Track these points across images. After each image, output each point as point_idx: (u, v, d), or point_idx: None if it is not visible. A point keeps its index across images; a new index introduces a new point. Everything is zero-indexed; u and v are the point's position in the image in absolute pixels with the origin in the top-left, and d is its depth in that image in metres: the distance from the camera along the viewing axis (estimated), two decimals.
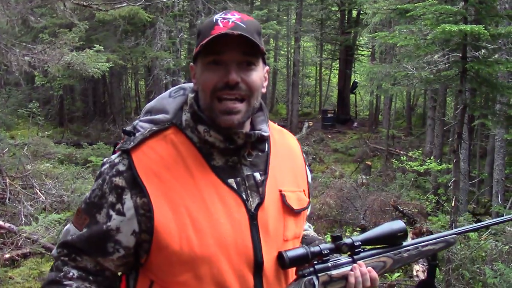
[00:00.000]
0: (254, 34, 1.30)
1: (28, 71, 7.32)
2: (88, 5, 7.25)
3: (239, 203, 1.33)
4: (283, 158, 1.49)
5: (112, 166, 1.33)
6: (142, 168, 1.31)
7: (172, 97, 1.46)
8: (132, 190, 1.29)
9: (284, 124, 20.72)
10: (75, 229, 1.35)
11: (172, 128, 1.38)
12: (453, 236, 1.60)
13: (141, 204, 1.28)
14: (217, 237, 1.29)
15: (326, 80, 29.66)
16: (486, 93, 8.40)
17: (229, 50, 1.29)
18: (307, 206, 1.51)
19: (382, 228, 1.50)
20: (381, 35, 7.38)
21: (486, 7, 6.37)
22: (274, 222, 1.38)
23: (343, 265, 1.42)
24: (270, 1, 20.14)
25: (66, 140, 15.42)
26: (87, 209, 1.34)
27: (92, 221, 1.32)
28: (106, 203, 1.31)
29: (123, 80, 22.30)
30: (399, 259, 1.50)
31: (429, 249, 1.56)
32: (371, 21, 11.71)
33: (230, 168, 1.37)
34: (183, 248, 1.27)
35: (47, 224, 6.14)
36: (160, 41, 12.82)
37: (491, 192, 10.47)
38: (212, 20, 1.33)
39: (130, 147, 1.33)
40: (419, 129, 20.00)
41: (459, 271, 5.90)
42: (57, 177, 8.63)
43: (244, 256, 1.32)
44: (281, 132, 1.58)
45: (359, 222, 8.39)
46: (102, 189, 1.32)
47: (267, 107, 1.57)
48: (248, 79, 1.31)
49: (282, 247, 1.38)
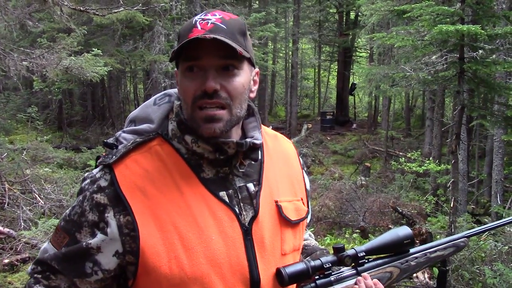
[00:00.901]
0: (236, 35, 1.22)
1: (26, 76, 7.32)
2: (85, 10, 7.26)
3: (231, 218, 1.24)
4: (278, 166, 1.41)
5: (93, 182, 1.25)
6: (126, 183, 1.22)
7: (157, 105, 1.37)
8: (115, 207, 1.20)
9: (283, 126, 20.77)
10: (52, 248, 1.27)
11: (158, 139, 1.29)
12: (463, 240, 1.51)
13: (125, 223, 1.19)
14: (209, 255, 1.20)
15: (324, 82, 29.70)
16: (484, 93, 8.42)
17: (206, 54, 1.20)
18: (305, 216, 1.41)
19: (387, 236, 1.40)
20: (378, 36, 7.40)
21: (483, 8, 6.39)
22: (270, 236, 1.29)
23: (346, 278, 1.33)
24: (268, 4, 20.16)
25: (65, 145, 15.41)
26: (66, 228, 1.26)
27: (72, 240, 1.24)
28: (86, 222, 1.22)
29: (122, 84, 22.31)
30: (407, 268, 1.41)
31: (438, 255, 1.47)
32: (369, 22, 11.73)
33: (221, 180, 1.28)
34: (172, 269, 1.18)
35: (46, 229, 6.13)
36: (158, 44, 12.84)
37: (490, 193, 10.48)
38: (192, 21, 1.24)
39: (111, 162, 1.24)
40: (418, 130, 20.02)
41: (458, 272, 5.90)
42: (56, 182, 8.62)
43: (239, 275, 1.23)
44: (275, 138, 1.48)
45: (359, 223, 8.40)
46: (83, 206, 1.23)
47: (266, 109, 1.47)
48: (228, 85, 1.21)
49: (281, 262, 1.29)
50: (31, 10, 7.53)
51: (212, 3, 14.23)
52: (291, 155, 1.48)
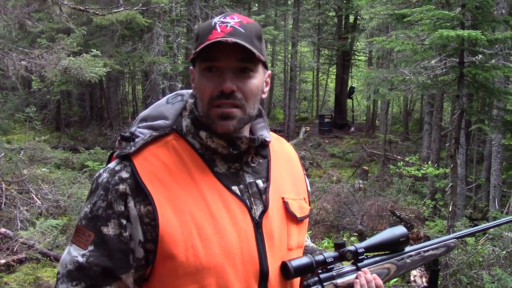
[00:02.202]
0: (253, 39, 1.27)
1: (25, 75, 7.30)
2: (84, 9, 7.24)
3: (244, 211, 1.29)
4: (283, 166, 1.46)
5: (113, 174, 1.26)
6: (145, 174, 1.25)
7: (170, 103, 1.42)
8: (136, 198, 1.22)
9: (281, 129, 20.77)
10: (77, 249, 1.23)
11: (173, 134, 1.34)
12: (454, 241, 1.60)
13: (146, 213, 1.22)
14: (224, 246, 1.24)
15: (323, 85, 29.72)
16: (483, 98, 8.42)
17: (225, 57, 1.25)
18: (309, 214, 1.46)
19: (385, 234, 1.49)
20: (378, 40, 7.40)
21: (483, 13, 6.40)
22: (278, 231, 1.34)
23: (347, 273, 1.40)
24: (267, 6, 20.19)
25: (63, 145, 15.38)
26: (90, 225, 1.24)
27: (98, 236, 1.22)
28: (114, 213, 1.22)
29: (121, 85, 22.29)
30: (403, 265, 1.49)
31: (431, 254, 1.55)
32: (368, 26, 11.74)
33: (233, 175, 1.33)
34: (189, 258, 1.21)
35: (44, 229, 6.11)
36: (158, 46, 12.84)
37: (488, 197, 10.48)
38: (211, 23, 1.29)
39: (131, 151, 1.27)
40: (416, 134, 20.04)
41: (456, 276, 5.89)
42: (54, 182, 8.60)
43: (250, 266, 1.27)
44: (278, 140, 1.54)
45: (356, 227, 8.38)
46: (107, 199, 1.23)
47: (264, 112, 1.52)
48: (244, 87, 1.27)
49: (287, 256, 1.34)
50: (30, 9, 7.51)
51: (212, 5, 14.25)
52: (293, 157, 1.55)
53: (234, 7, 16.03)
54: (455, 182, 6.44)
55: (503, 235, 6.82)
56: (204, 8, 13.31)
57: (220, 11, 13.41)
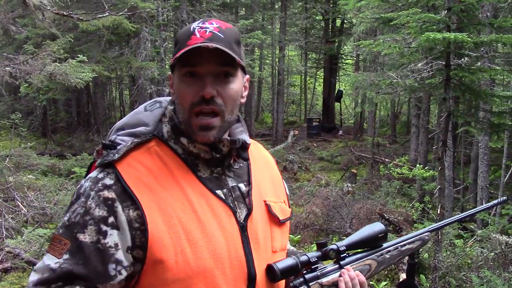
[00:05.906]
0: (232, 44, 1.28)
1: (9, 81, 7.21)
2: (68, 15, 7.17)
3: (229, 214, 1.30)
4: (262, 169, 1.48)
5: (96, 182, 1.23)
6: (131, 179, 1.23)
7: (148, 111, 1.41)
8: (123, 202, 1.20)
9: (270, 133, 20.77)
10: (52, 258, 1.18)
11: (154, 140, 1.33)
12: (427, 234, 1.65)
13: (134, 217, 1.19)
14: (212, 250, 1.24)
15: (311, 88, 29.78)
16: (470, 100, 8.47)
17: (205, 62, 1.25)
18: (290, 216, 1.49)
19: (364, 231, 1.53)
20: (365, 43, 7.42)
21: (468, 16, 6.44)
22: (263, 234, 1.35)
23: (331, 272, 1.42)
24: (255, 11, 20.22)
25: (50, 151, 15.23)
26: (65, 233, 1.20)
27: (74, 244, 1.18)
28: (92, 219, 1.18)
29: (108, 90, 22.18)
30: (383, 261, 1.53)
31: (408, 248, 1.59)
32: (357, 30, 11.78)
33: (216, 179, 1.33)
34: (178, 263, 1.20)
35: (30, 238, 6.02)
36: (145, 50, 12.79)
37: (475, 199, 10.55)
38: (189, 28, 1.30)
39: (115, 159, 1.25)
40: (403, 137, 20.14)
41: (445, 279, 5.91)
42: (40, 189, 8.51)
43: (238, 270, 1.27)
44: (255, 145, 1.55)
45: (346, 230, 8.38)
46: (86, 205, 1.19)
47: (252, 116, 1.51)
48: (223, 92, 1.27)
49: (272, 259, 1.35)
50: (14, 15, 7.43)
51: (199, 10, 14.23)
52: (270, 160, 1.57)
53: (221, 11, 15.99)
54: (443, 185, 6.46)
55: (491, 236, 6.86)
56: (191, 13, 13.27)
57: (208, 15, 13.39)
